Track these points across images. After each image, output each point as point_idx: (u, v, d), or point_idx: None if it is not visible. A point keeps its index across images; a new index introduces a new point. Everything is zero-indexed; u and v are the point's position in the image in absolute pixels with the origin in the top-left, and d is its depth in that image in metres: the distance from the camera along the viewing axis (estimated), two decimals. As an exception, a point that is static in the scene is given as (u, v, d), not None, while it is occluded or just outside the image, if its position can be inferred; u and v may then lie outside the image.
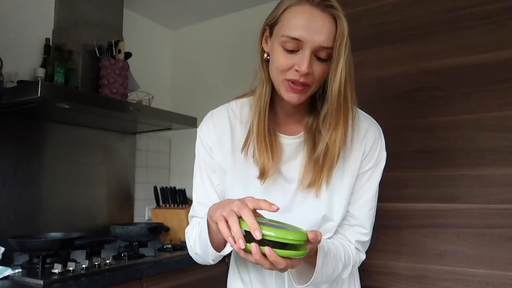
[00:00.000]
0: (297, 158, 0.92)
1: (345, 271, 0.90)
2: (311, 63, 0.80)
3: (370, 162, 0.93)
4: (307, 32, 0.79)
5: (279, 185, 0.92)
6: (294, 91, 0.83)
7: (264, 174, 0.88)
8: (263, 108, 0.89)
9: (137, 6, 2.58)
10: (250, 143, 0.91)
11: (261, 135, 0.88)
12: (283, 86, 0.84)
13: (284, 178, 0.92)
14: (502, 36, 1.40)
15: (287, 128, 0.95)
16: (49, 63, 1.99)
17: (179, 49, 2.96)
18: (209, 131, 0.97)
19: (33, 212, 1.99)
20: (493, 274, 1.36)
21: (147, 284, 1.73)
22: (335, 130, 0.85)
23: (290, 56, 0.81)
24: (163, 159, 2.84)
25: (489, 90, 1.41)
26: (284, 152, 0.92)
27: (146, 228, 2.04)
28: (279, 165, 0.91)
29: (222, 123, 0.97)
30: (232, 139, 0.95)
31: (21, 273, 1.51)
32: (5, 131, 1.91)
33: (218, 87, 2.71)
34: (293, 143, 0.93)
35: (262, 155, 0.88)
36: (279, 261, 0.67)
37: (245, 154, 0.92)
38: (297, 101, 0.84)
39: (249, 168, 0.91)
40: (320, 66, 0.82)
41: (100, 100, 1.87)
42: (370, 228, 0.96)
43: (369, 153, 0.92)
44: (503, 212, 1.36)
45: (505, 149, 1.37)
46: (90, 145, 2.30)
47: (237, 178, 0.93)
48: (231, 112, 0.98)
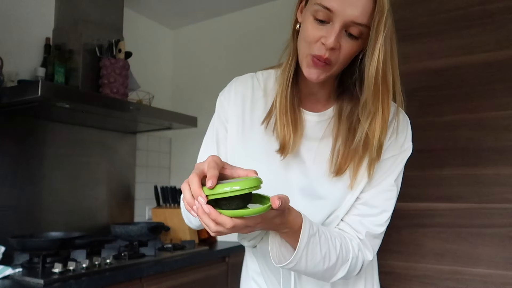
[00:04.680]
0: (319, 138, 0.87)
1: (341, 268, 0.80)
2: (339, 38, 0.74)
3: (393, 149, 0.86)
4: (340, 4, 0.72)
5: (299, 162, 0.87)
6: (316, 66, 0.77)
7: (285, 149, 0.84)
8: (286, 80, 0.85)
9: (138, 5, 2.58)
10: (272, 116, 0.87)
11: (284, 108, 0.84)
12: (306, 60, 0.79)
13: (301, 156, 0.87)
14: (502, 36, 1.40)
15: (309, 105, 0.90)
16: (49, 62, 2.00)
17: (180, 49, 2.96)
18: (230, 96, 0.94)
19: (33, 212, 2.00)
20: (493, 273, 1.36)
21: (147, 283, 1.73)
22: (374, 118, 0.78)
23: (319, 27, 0.75)
24: (163, 159, 2.84)
25: (489, 90, 1.41)
26: (305, 128, 0.87)
27: (147, 228, 2.04)
28: (301, 141, 0.86)
29: (243, 91, 0.93)
30: (251, 108, 0.91)
31: (21, 272, 1.51)
32: (5, 131, 1.91)
33: (218, 87, 2.68)
34: (315, 121, 0.88)
35: (283, 129, 0.84)
36: (221, 220, 0.63)
37: (265, 127, 0.88)
38: (316, 78, 0.79)
39: (268, 142, 0.87)
40: (349, 43, 0.76)
41: (100, 100, 1.87)
42: (385, 221, 0.86)
43: (394, 140, 0.85)
44: (503, 211, 1.36)
45: (505, 149, 1.37)
46: (91, 145, 2.30)
47: (255, 150, 0.89)
48: (256, 81, 0.94)
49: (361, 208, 0.85)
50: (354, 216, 0.86)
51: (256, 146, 0.89)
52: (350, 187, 0.83)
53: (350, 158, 0.82)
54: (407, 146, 0.87)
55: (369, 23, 0.73)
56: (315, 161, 0.86)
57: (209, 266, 2.08)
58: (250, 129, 0.90)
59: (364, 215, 0.85)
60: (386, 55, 0.74)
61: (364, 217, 0.85)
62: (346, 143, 0.83)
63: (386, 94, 0.77)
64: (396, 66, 0.78)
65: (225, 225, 0.63)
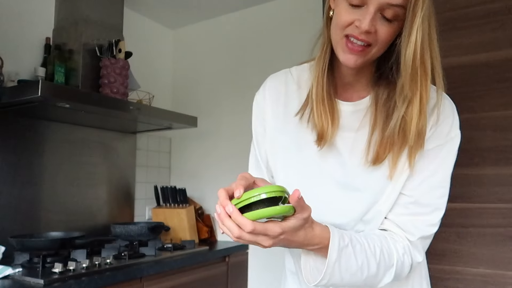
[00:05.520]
0: (355, 129, 0.83)
1: (386, 274, 0.76)
2: (375, 21, 0.71)
3: (438, 139, 0.79)
4: None
5: (335, 154, 0.84)
6: (352, 51, 0.74)
7: (323, 139, 0.81)
8: (322, 69, 0.82)
9: (138, 5, 2.58)
10: (307, 107, 0.85)
11: (320, 98, 0.82)
12: (340, 45, 0.75)
13: (338, 147, 0.84)
14: (502, 36, 1.40)
15: (345, 95, 0.87)
16: (49, 62, 2.00)
17: (180, 49, 2.96)
18: (264, 93, 0.93)
19: (33, 212, 2.00)
20: (493, 273, 1.36)
21: (147, 283, 1.73)
22: (411, 102, 0.73)
23: (352, 11, 0.72)
24: (163, 159, 2.84)
25: (489, 89, 1.41)
26: (341, 119, 0.84)
27: (147, 228, 2.04)
28: (337, 132, 0.83)
29: (277, 86, 0.92)
30: (285, 102, 0.89)
31: (21, 272, 1.51)
32: (6, 131, 1.91)
33: (218, 87, 2.71)
34: (351, 111, 0.84)
35: (320, 119, 0.81)
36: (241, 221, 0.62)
37: (299, 117, 0.86)
38: (353, 63, 0.75)
39: (304, 134, 0.85)
40: (386, 27, 0.72)
41: (100, 100, 1.87)
42: (438, 221, 0.81)
43: (438, 128, 0.79)
44: (503, 211, 1.36)
45: (505, 148, 1.37)
46: (91, 145, 2.30)
47: (290, 143, 0.87)
48: (289, 76, 0.92)
49: (411, 207, 0.80)
50: (403, 216, 0.80)
51: (291, 138, 0.87)
52: (390, 177, 0.78)
53: (388, 146, 0.77)
54: (454, 134, 0.80)
55: (405, 3, 0.70)
56: (352, 152, 0.83)
57: (209, 266, 2.08)
58: (285, 122, 0.88)
59: (415, 214, 0.80)
60: (423, 37, 0.71)
61: (415, 216, 0.80)
62: (383, 131, 0.78)
63: (424, 78, 0.73)
64: (435, 48, 0.74)
65: (245, 227, 0.62)
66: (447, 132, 0.79)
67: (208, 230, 2.51)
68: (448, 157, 0.80)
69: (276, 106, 0.90)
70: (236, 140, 2.55)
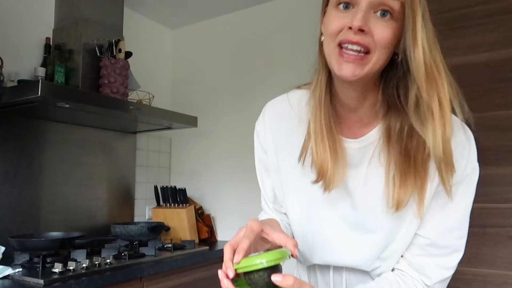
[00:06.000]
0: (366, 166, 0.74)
1: None
2: (367, 19, 0.62)
3: (454, 177, 0.69)
4: None
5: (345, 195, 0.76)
6: (348, 60, 0.64)
7: (325, 180, 0.72)
8: (318, 100, 0.72)
9: (138, 5, 2.57)
10: (308, 148, 0.76)
11: (319, 135, 0.72)
12: (334, 56, 0.66)
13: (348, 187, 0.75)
14: (502, 36, 1.40)
15: (349, 128, 0.77)
16: (49, 62, 2.00)
17: (180, 48, 2.96)
18: (265, 124, 0.85)
19: (33, 212, 1.99)
20: (493, 273, 1.36)
21: (147, 283, 1.73)
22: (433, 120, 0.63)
23: (342, 15, 0.65)
24: (163, 159, 2.84)
25: (489, 89, 1.41)
26: (347, 157, 0.74)
27: (147, 228, 2.04)
28: (345, 169, 0.73)
29: (278, 120, 0.83)
30: (288, 141, 0.81)
31: (21, 272, 1.51)
32: (6, 131, 1.91)
33: (218, 87, 2.71)
34: (357, 147, 0.75)
35: (320, 159, 0.71)
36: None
37: (302, 162, 0.77)
38: (351, 74, 0.64)
39: (309, 175, 0.76)
40: (382, 26, 0.63)
41: (100, 100, 1.87)
42: (457, 263, 0.74)
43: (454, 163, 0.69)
44: (503, 211, 1.36)
45: (505, 148, 1.37)
46: (91, 145, 2.30)
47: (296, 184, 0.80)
48: (288, 107, 0.82)
49: (428, 248, 0.73)
50: (420, 257, 0.74)
51: (297, 180, 0.79)
52: (419, 216, 0.70)
53: (410, 185, 0.68)
54: (470, 169, 0.72)
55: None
56: (365, 193, 0.74)
57: (209, 266, 2.08)
58: (289, 163, 0.80)
59: (432, 256, 0.73)
60: (429, 34, 0.63)
61: (432, 258, 0.73)
62: (402, 168, 0.68)
63: (440, 80, 0.63)
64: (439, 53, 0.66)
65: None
66: (464, 167, 0.71)
67: (208, 230, 2.51)
68: (465, 195, 0.73)
69: (278, 142, 0.83)
70: (236, 139, 2.55)
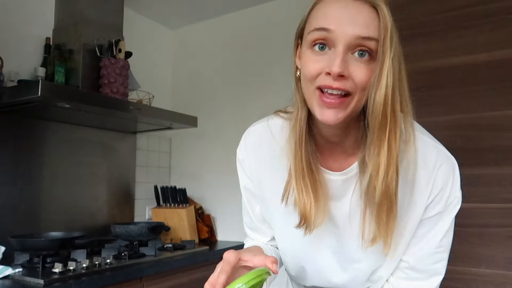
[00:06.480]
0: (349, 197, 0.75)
1: None
2: (346, 62, 0.61)
3: (438, 205, 0.72)
4: (337, 22, 0.61)
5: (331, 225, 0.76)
6: (329, 106, 0.63)
7: (307, 224, 0.71)
8: (299, 138, 0.71)
9: (138, 5, 2.57)
10: (290, 190, 0.74)
11: (300, 175, 0.70)
12: (315, 100, 0.65)
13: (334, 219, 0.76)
14: (502, 36, 1.40)
15: (335, 161, 0.75)
16: (49, 62, 2.00)
17: (180, 48, 2.96)
18: (248, 153, 0.85)
19: (33, 212, 1.99)
20: (493, 273, 1.36)
21: (147, 283, 1.73)
22: (378, 155, 0.64)
23: (319, 57, 0.63)
24: (163, 159, 2.84)
25: (489, 89, 1.41)
26: (330, 189, 0.74)
27: (147, 228, 2.04)
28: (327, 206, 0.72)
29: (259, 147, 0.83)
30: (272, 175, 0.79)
31: (21, 272, 1.51)
32: (6, 131, 1.91)
33: (218, 87, 2.71)
34: (342, 180, 0.74)
35: (302, 202, 0.70)
36: None
37: (285, 203, 0.75)
38: (334, 120, 0.63)
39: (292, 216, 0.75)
40: (361, 68, 0.62)
41: (100, 100, 1.87)
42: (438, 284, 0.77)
43: (438, 194, 0.71)
44: (503, 211, 1.36)
45: (505, 148, 1.37)
46: (91, 145, 2.30)
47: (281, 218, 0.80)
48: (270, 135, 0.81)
49: (408, 272, 0.76)
50: (401, 280, 0.77)
51: (281, 215, 0.79)
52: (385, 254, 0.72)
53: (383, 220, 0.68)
54: (454, 197, 0.73)
55: (376, 36, 0.61)
56: (350, 225, 0.75)
57: (209, 266, 2.08)
58: (273, 197, 0.80)
59: (412, 279, 0.76)
60: (395, 78, 0.62)
61: (411, 281, 0.76)
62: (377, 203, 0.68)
63: (393, 127, 0.63)
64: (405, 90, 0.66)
65: None
66: (447, 197, 0.72)
67: (208, 230, 2.51)
68: (446, 222, 0.74)
69: (261, 171, 0.82)
70: (236, 139, 2.52)
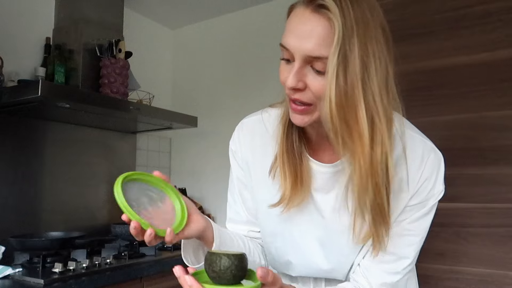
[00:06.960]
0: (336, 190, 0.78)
1: None
2: (301, 76, 0.66)
3: (420, 196, 0.76)
4: (295, 39, 0.66)
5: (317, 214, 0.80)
6: (296, 111, 0.70)
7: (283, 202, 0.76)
8: (284, 126, 0.78)
9: (138, 5, 2.57)
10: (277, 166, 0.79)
11: (283, 157, 0.76)
12: (288, 103, 0.72)
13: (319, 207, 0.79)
14: (502, 36, 1.40)
15: (324, 152, 0.79)
16: (49, 62, 2.00)
17: (180, 48, 2.96)
18: (241, 144, 0.89)
19: (33, 212, 1.99)
20: (493, 273, 1.36)
21: (147, 283, 1.73)
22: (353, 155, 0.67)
23: (286, 68, 0.69)
24: (163, 159, 2.84)
25: (489, 89, 1.41)
26: (318, 180, 0.78)
27: (147, 228, 2.03)
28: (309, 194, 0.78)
29: (251, 137, 0.87)
30: (263, 159, 0.84)
31: (21, 272, 1.51)
32: (6, 130, 1.91)
33: (218, 86, 2.71)
34: (330, 172, 0.77)
35: (282, 179, 0.76)
36: None
37: (272, 177, 0.80)
38: (301, 122, 0.71)
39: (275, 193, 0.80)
40: (318, 81, 0.65)
41: (100, 100, 1.87)
42: (404, 268, 0.78)
43: (423, 185, 0.75)
44: (503, 211, 1.36)
45: (505, 148, 1.37)
46: (91, 144, 2.30)
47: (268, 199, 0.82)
48: (263, 126, 0.86)
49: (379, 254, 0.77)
50: (369, 262, 0.78)
51: (265, 197, 0.83)
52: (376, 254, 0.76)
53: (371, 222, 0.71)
54: (436, 190, 0.77)
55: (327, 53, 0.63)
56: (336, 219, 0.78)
57: (209, 266, 2.08)
58: (261, 179, 0.84)
59: (380, 262, 0.77)
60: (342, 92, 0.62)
61: (379, 264, 0.77)
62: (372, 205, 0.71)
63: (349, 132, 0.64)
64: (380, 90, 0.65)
65: None
66: (430, 189, 0.76)
67: (208, 230, 2.51)
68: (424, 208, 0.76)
69: (252, 158, 0.86)
70: (236, 140, 2.54)
